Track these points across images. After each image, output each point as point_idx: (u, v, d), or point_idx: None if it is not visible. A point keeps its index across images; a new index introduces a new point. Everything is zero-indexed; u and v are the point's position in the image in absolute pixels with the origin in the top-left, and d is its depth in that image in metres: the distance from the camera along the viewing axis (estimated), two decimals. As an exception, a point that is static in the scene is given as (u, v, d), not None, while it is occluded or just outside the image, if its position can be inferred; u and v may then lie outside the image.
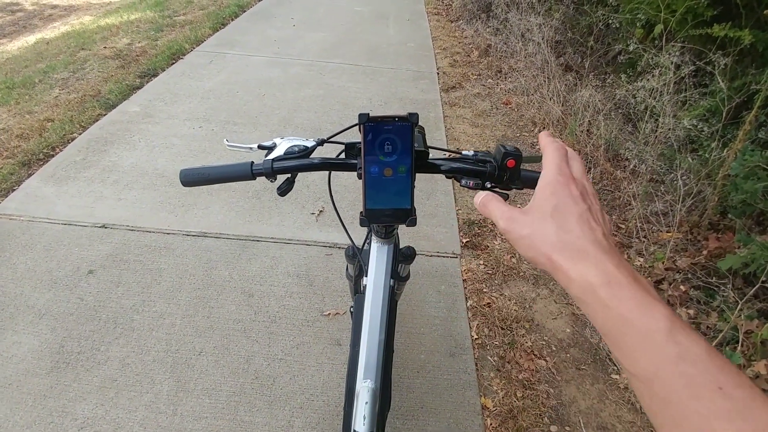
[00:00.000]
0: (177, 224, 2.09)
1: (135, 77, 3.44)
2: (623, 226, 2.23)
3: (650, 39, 2.52)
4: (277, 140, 0.74)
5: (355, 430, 0.68)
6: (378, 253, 0.81)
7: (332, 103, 3.24)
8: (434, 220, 2.23)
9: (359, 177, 0.61)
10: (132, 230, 2.04)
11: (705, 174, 2.04)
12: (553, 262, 0.34)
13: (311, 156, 0.72)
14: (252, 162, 0.69)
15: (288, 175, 0.73)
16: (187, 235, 2.03)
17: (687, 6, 2.23)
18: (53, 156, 2.52)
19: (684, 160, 2.11)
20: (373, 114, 0.57)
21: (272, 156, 0.70)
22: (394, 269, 0.85)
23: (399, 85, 3.61)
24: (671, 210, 2.07)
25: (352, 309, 1.05)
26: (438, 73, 3.91)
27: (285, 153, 0.71)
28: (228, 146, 0.78)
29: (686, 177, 2.06)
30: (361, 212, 0.62)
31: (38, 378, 1.45)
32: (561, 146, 0.42)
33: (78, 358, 1.52)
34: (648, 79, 2.26)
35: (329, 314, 1.73)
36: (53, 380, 1.45)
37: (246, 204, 2.24)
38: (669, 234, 2.04)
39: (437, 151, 0.75)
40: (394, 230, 0.83)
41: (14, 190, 2.25)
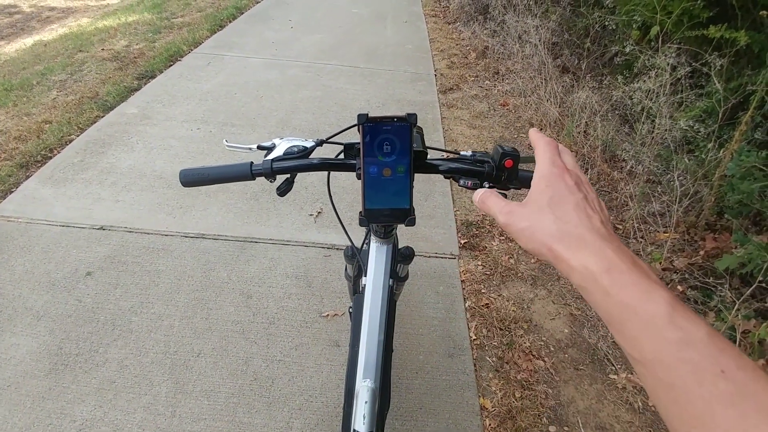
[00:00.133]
0: (175, 226, 2.09)
1: (133, 79, 3.44)
2: (620, 227, 2.24)
3: (646, 40, 2.53)
4: (277, 141, 0.74)
5: (355, 430, 0.69)
6: (377, 253, 0.81)
7: (330, 105, 3.25)
8: (432, 221, 2.23)
9: (358, 177, 0.62)
10: (130, 232, 2.03)
11: (702, 174, 2.05)
12: (554, 252, 0.35)
13: (310, 156, 0.72)
14: (251, 162, 0.69)
15: (287, 176, 0.73)
16: (186, 237, 2.03)
17: (683, 7, 2.25)
18: (51, 158, 2.51)
19: (681, 161, 2.12)
20: (372, 115, 0.58)
21: (271, 156, 0.71)
22: (393, 269, 0.85)
23: (397, 87, 3.62)
24: (668, 210, 2.08)
25: (351, 309, 1.05)
26: (435, 75, 3.92)
27: (284, 153, 0.71)
28: (227, 147, 0.78)
29: (683, 178, 2.08)
30: (361, 212, 0.62)
31: (37, 380, 1.45)
32: (551, 141, 0.42)
33: (76, 360, 1.51)
34: (644, 81, 2.27)
35: (328, 315, 1.73)
36: (52, 382, 1.45)
37: (244, 205, 2.24)
38: (666, 234, 2.05)
39: (436, 152, 0.76)
40: (393, 230, 0.83)
41: (12, 192, 2.24)
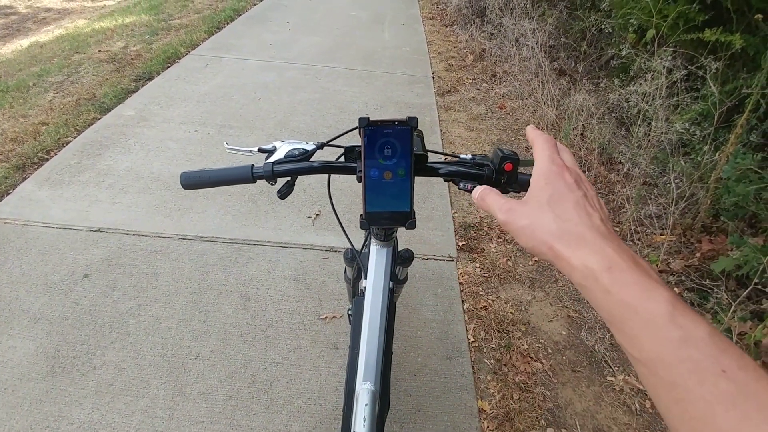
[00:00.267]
0: (173, 228, 2.08)
1: (130, 81, 3.43)
2: (617, 229, 2.25)
3: (642, 44, 2.55)
4: (278, 143, 0.74)
5: None
6: (377, 256, 0.82)
7: (328, 107, 3.25)
8: (430, 224, 2.23)
9: (359, 180, 0.62)
10: (127, 234, 2.03)
11: (697, 177, 2.07)
12: (554, 251, 0.34)
13: (311, 159, 0.72)
14: (252, 165, 0.69)
15: (288, 179, 0.73)
16: (183, 239, 2.03)
17: (679, 11, 2.27)
18: (48, 160, 2.50)
19: (677, 164, 2.14)
20: (373, 118, 0.58)
21: (272, 159, 0.71)
22: (393, 272, 0.85)
23: (394, 89, 3.63)
24: (665, 213, 2.10)
25: (350, 312, 1.05)
26: (433, 78, 3.93)
27: (285, 156, 0.71)
28: (228, 149, 0.78)
29: (679, 180, 2.09)
30: (361, 215, 0.62)
31: (34, 382, 1.44)
32: (549, 138, 0.42)
33: (74, 363, 1.51)
34: (641, 84, 2.29)
35: (326, 318, 1.73)
36: (49, 385, 1.44)
37: (242, 207, 2.24)
38: (663, 237, 2.06)
39: (435, 155, 0.76)
40: (394, 233, 0.84)
41: (9, 194, 2.23)
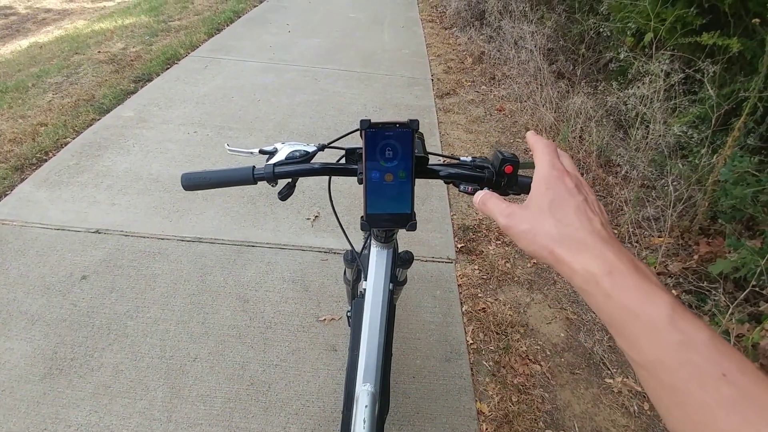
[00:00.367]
0: (171, 229, 2.08)
1: (129, 82, 3.43)
2: (616, 231, 2.25)
3: (640, 47, 2.56)
4: (278, 145, 0.74)
5: None
6: (378, 258, 0.82)
7: (327, 109, 3.26)
8: (429, 226, 2.24)
9: (360, 182, 0.62)
10: (126, 235, 2.02)
11: (695, 180, 2.07)
12: (555, 255, 0.35)
13: (312, 161, 0.73)
14: (254, 166, 0.70)
15: (289, 180, 0.73)
16: (182, 241, 2.02)
17: (676, 15, 2.28)
18: (46, 161, 2.50)
19: (674, 166, 2.14)
20: (373, 120, 0.58)
21: (273, 161, 0.71)
22: (393, 273, 0.85)
23: (394, 92, 3.63)
24: (662, 215, 2.10)
25: (349, 314, 1.05)
26: (432, 80, 3.94)
27: (286, 158, 0.71)
28: (229, 150, 0.78)
29: (677, 183, 2.10)
30: (362, 217, 0.62)
31: (31, 384, 1.43)
32: (550, 143, 0.42)
33: (71, 365, 1.50)
34: (638, 87, 2.30)
35: (325, 320, 1.73)
36: (46, 387, 1.43)
37: (241, 209, 2.24)
38: (661, 239, 2.06)
39: (436, 157, 0.76)
40: (394, 235, 0.84)
41: (7, 195, 2.23)
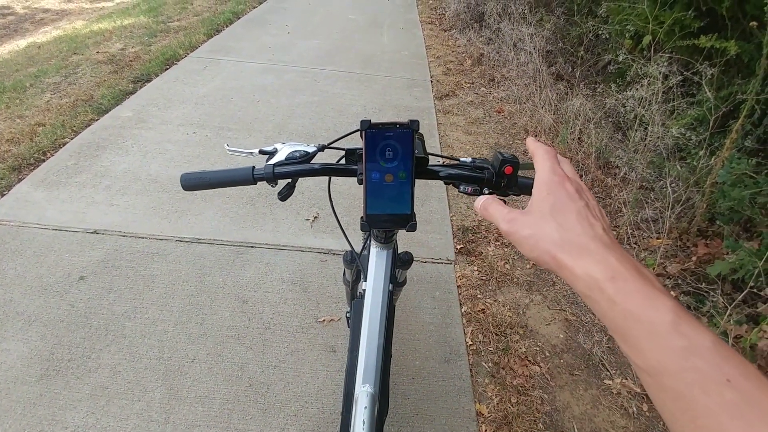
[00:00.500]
0: (170, 230, 2.07)
1: (128, 82, 3.43)
2: (614, 233, 2.26)
3: (639, 49, 2.57)
4: (278, 145, 0.74)
5: None
6: (377, 258, 0.82)
7: (327, 110, 3.26)
8: (428, 227, 2.24)
9: (360, 183, 0.62)
10: (124, 236, 2.02)
11: (693, 181, 2.08)
12: (558, 261, 0.35)
13: (312, 161, 0.72)
14: (253, 167, 0.69)
15: (289, 180, 0.73)
16: (180, 241, 2.02)
17: (674, 18, 2.29)
18: (44, 161, 2.49)
19: (673, 168, 2.15)
20: (373, 121, 0.58)
21: (273, 161, 0.71)
22: (393, 274, 0.85)
23: (393, 93, 3.64)
24: (661, 217, 2.11)
25: (348, 315, 1.05)
26: (431, 81, 3.94)
27: (286, 158, 0.71)
28: (228, 151, 0.78)
29: (675, 184, 2.10)
30: (362, 217, 0.62)
31: (27, 386, 1.43)
32: (550, 149, 0.42)
33: (68, 366, 1.49)
34: (637, 89, 2.30)
35: (324, 321, 1.73)
36: (43, 388, 1.42)
37: (240, 210, 2.23)
38: (659, 240, 2.07)
39: (435, 158, 0.76)
40: (394, 235, 0.84)
41: (4, 195, 2.22)
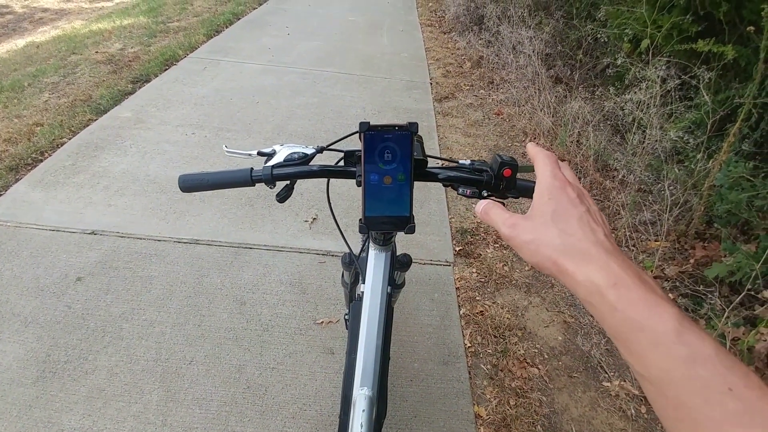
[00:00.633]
0: (168, 231, 2.07)
1: (127, 83, 3.42)
2: (613, 235, 2.26)
3: (637, 53, 2.58)
4: (277, 147, 0.74)
5: None
6: (376, 260, 0.81)
7: (326, 112, 3.26)
8: (427, 228, 2.24)
9: (358, 185, 0.62)
10: (122, 237, 2.01)
11: (691, 184, 2.09)
12: (559, 266, 0.34)
13: (311, 163, 0.72)
14: (251, 168, 0.69)
15: (287, 182, 0.73)
16: (179, 242, 2.01)
17: (672, 22, 2.30)
18: (42, 161, 2.48)
19: (671, 171, 2.16)
20: (372, 123, 0.58)
21: (272, 163, 0.71)
22: (392, 276, 0.85)
23: (392, 95, 3.64)
24: (659, 219, 2.11)
25: (347, 317, 1.04)
26: (431, 83, 3.95)
27: (284, 160, 0.71)
28: (227, 152, 0.78)
29: (673, 187, 2.11)
30: (361, 219, 0.62)
31: (24, 387, 1.42)
32: (551, 154, 0.42)
33: (65, 368, 1.48)
34: (635, 92, 2.31)
35: (322, 323, 1.72)
36: (39, 390, 1.41)
37: (239, 211, 2.23)
38: (657, 243, 2.07)
39: (434, 160, 0.76)
40: (393, 237, 0.83)
41: (1, 195, 2.21)
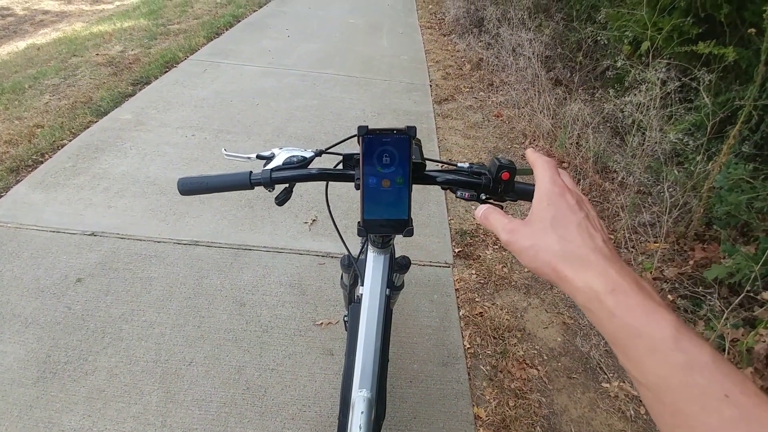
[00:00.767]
0: (168, 232, 2.07)
1: (127, 85, 3.43)
2: (612, 237, 2.26)
3: (637, 55, 2.59)
4: (276, 150, 0.74)
5: None
6: (374, 263, 0.82)
7: (326, 114, 3.26)
8: (427, 230, 2.24)
9: (357, 188, 0.62)
10: (122, 238, 2.01)
11: (691, 186, 2.09)
12: (558, 272, 0.34)
13: (309, 166, 0.73)
14: (251, 172, 0.70)
15: (286, 185, 0.73)
16: (179, 244, 2.01)
17: (673, 24, 2.31)
18: (42, 162, 2.49)
19: (670, 173, 2.16)
20: (371, 126, 0.58)
21: (271, 166, 0.71)
22: (390, 278, 0.85)
23: (392, 97, 3.65)
24: (658, 221, 2.12)
25: (346, 318, 1.05)
26: (431, 86, 3.96)
27: (283, 163, 0.71)
28: (226, 155, 0.78)
29: (672, 189, 2.11)
30: (359, 222, 0.62)
31: (24, 388, 1.42)
32: (550, 160, 0.42)
33: (65, 368, 1.49)
34: (635, 94, 2.31)
35: (322, 324, 1.72)
36: (39, 391, 1.42)
37: (238, 213, 2.23)
38: (656, 244, 2.07)
39: (433, 163, 0.77)
40: (391, 240, 0.84)
41: (2, 197, 2.21)
